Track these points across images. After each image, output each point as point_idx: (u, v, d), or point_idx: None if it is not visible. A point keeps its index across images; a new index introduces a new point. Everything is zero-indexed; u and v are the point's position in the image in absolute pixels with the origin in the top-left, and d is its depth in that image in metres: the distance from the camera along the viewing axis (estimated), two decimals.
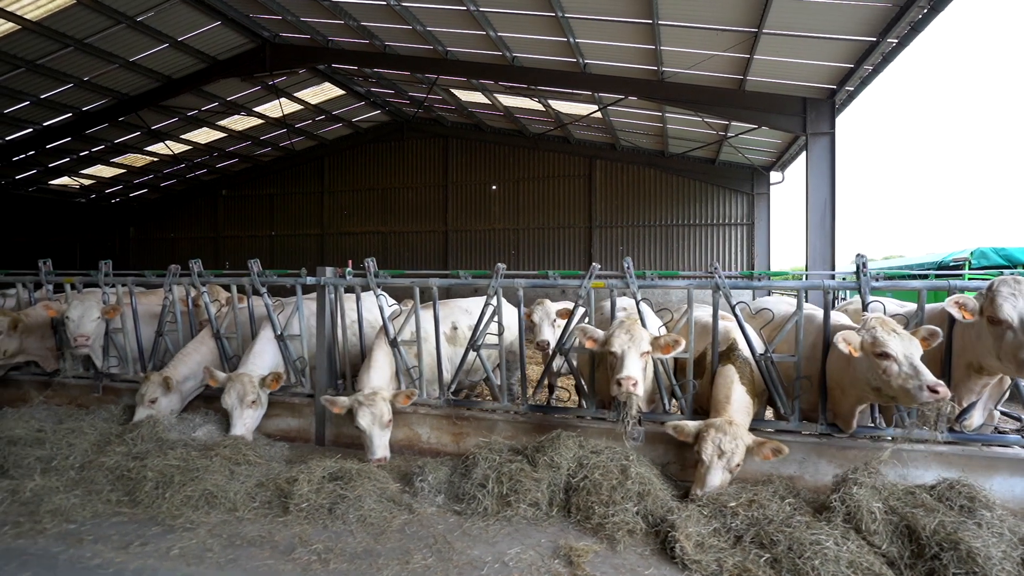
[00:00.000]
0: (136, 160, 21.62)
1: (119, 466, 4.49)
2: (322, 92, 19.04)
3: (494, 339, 5.09)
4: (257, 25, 14.57)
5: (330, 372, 5.56)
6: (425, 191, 22.37)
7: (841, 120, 11.77)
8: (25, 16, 12.29)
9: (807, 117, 11.47)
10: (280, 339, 5.58)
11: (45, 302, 6.40)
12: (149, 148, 20.61)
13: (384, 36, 13.83)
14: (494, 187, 21.62)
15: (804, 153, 16.27)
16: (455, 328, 5.68)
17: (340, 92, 19.15)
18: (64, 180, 22.42)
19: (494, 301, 4.96)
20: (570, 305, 6.50)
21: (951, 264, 11.72)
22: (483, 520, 3.84)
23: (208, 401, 5.90)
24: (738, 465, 3.77)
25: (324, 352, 5.51)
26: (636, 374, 4.01)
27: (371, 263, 5.25)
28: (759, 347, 4.39)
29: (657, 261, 19.93)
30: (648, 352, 4.17)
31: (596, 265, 4.66)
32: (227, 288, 6.51)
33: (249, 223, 24.70)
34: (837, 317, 4.52)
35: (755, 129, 14.69)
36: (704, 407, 4.69)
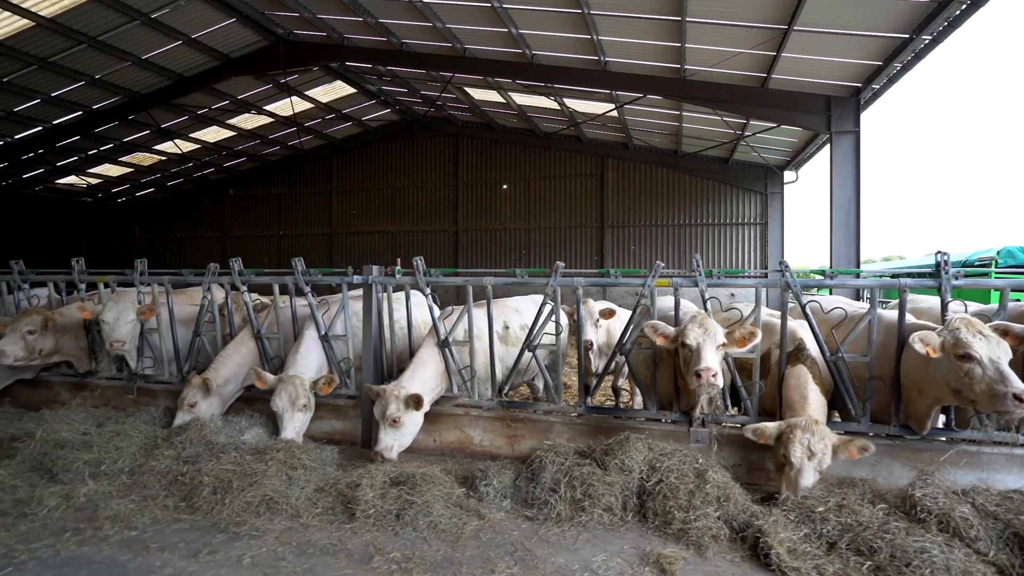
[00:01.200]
0: (144, 159, 21.44)
1: (170, 470, 4.37)
2: (333, 91, 18.90)
3: (550, 339, 4.98)
4: (272, 22, 14.42)
5: (376, 373, 5.43)
6: (435, 190, 22.24)
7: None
8: (40, 12, 12.13)
9: (831, 115, 11.39)
10: (325, 339, 5.46)
11: (79, 303, 6.27)
12: (157, 147, 20.43)
13: (401, 33, 13.69)
14: (505, 186, 21.50)
15: (820, 152, 16.30)
16: (507, 328, 5.56)
17: (351, 91, 19.01)
18: (71, 179, 22.22)
19: (551, 300, 4.84)
20: (611, 304, 6.42)
21: (976, 263, 11.66)
22: (557, 526, 3.72)
23: (249, 403, 5.79)
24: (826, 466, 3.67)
25: (370, 352, 5.38)
26: (715, 365, 3.91)
27: (419, 262, 5.12)
28: (819, 348, 4.29)
29: (669, 261, 19.83)
30: (724, 345, 4.06)
31: (660, 263, 4.55)
32: (263, 287, 6.37)
33: (256, 223, 24.53)
34: (891, 316, 4.42)
35: (773, 128, 14.61)
36: (768, 409, 4.58)
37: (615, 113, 16.29)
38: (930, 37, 8.81)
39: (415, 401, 4.59)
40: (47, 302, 6.88)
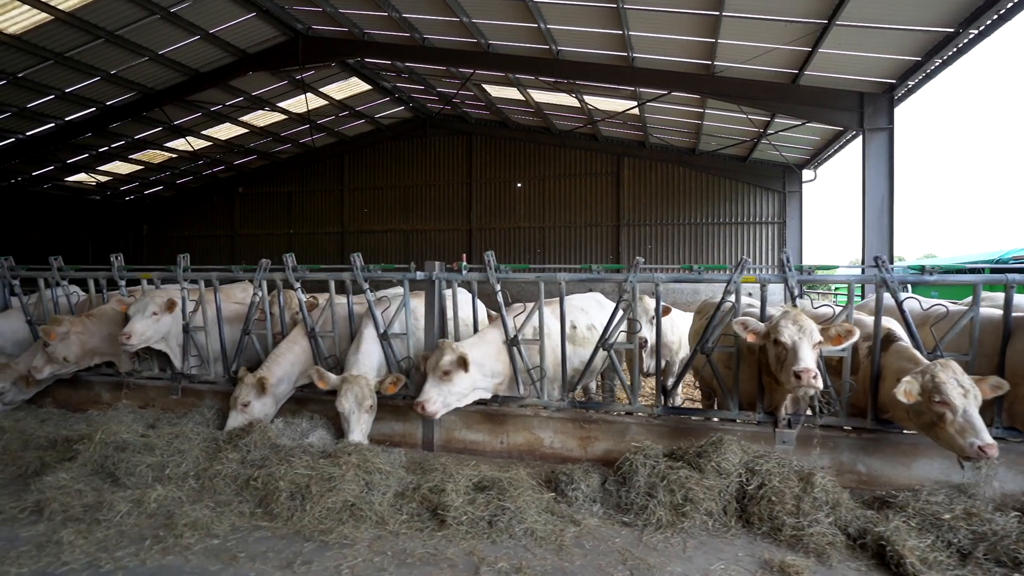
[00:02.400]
0: (154, 156, 21.19)
1: (239, 474, 4.18)
2: (348, 87, 18.70)
3: (623, 337, 4.81)
4: (292, 17, 14.23)
5: None
6: (448, 189, 22.05)
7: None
8: (59, 7, 11.90)
9: (864, 112, 11.24)
10: (384, 338, 5.27)
11: (119, 298, 6.07)
12: (168, 144, 20.19)
13: (424, 28, 13.50)
14: (519, 185, 21.33)
15: (843, 150, 16.17)
16: (574, 327, 5.39)
17: (366, 87, 18.81)
18: (80, 177, 21.95)
19: (628, 296, 4.67)
20: (667, 302, 6.24)
21: (1011, 261, 11.54)
22: (659, 532, 3.55)
23: (301, 404, 5.61)
24: None
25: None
26: (814, 365, 3.74)
27: (491, 257, 4.95)
28: (917, 348, 4.13)
29: (686, 260, 19.71)
30: (820, 343, 3.90)
31: (747, 259, 4.38)
32: (314, 284, 6.18)
33: (266, 221, 24.31)
34: (989, 312, 4.27)
35: (798, 126, 14.46)
36: (860, 405, 4.41)
37: (636, 111, 16.15)
38: (976, 31, 8.66)
39: (463, 362, 4.47)
40: (87, 299, 6.68)
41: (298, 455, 4.33)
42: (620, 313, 4.74)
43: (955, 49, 9.30)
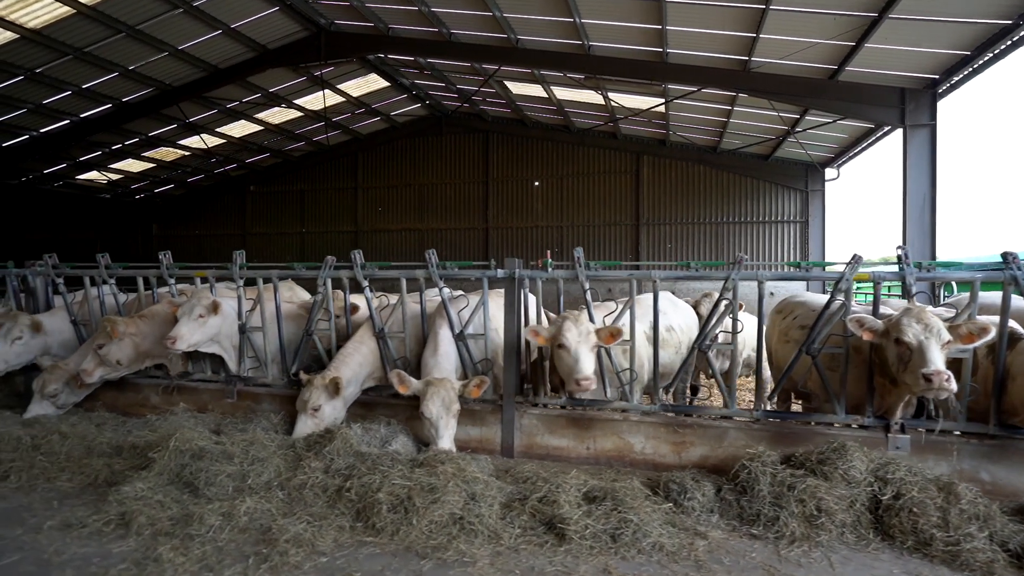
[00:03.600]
0: (167, 154, 20.88)
1: (327, 485, 3.94)
2: (366, 84, 18.43)
3: (722, 337, 4.58)
4: (315, 12, 13.97)
5: (518, 375, 5.01)
6: (464, 187, 21.80)
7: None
8: (81, 1, 11.62)
9: (905, 108, 11.04)
10: (460, 339, 5.03)
11: (170, 299, 5.81)
12: (182, 141, 19.89)
13: (452, 23, 13.25)
14: (537, 183, 21.09)
15: (871, 148, 15.98)
16: (654, 328, 5.15)
17: (384, 84, 18.55)
18: (91, 175, 21.62)
19: (729, 295, 4.44)
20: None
21: None
22: (795, 546, 3.32)
23: (368, 407, 5.36)
24: None
25: (512, 353, 4.96)
26: (944, 367, 3.52)
27: (579, 253, 4.70)
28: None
29: (707, 259, 19.51)
30: (950, 342, 3.67)
31: (859, 255, 4.15)
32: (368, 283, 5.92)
33: (278, 220, 24.01)
34: None
35: (829, 123, 14.28)
36: (979, 409, 4.18)
37: (661, 108, 15.93)
38: None
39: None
40: (135, 299, 6.43)
41: (387, 464, 4.08)
42: (719, 312, 4.50)
43: (1009, 42, 9.10)
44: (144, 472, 4.06)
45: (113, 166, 21.21)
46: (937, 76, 10.67)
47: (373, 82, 18.36)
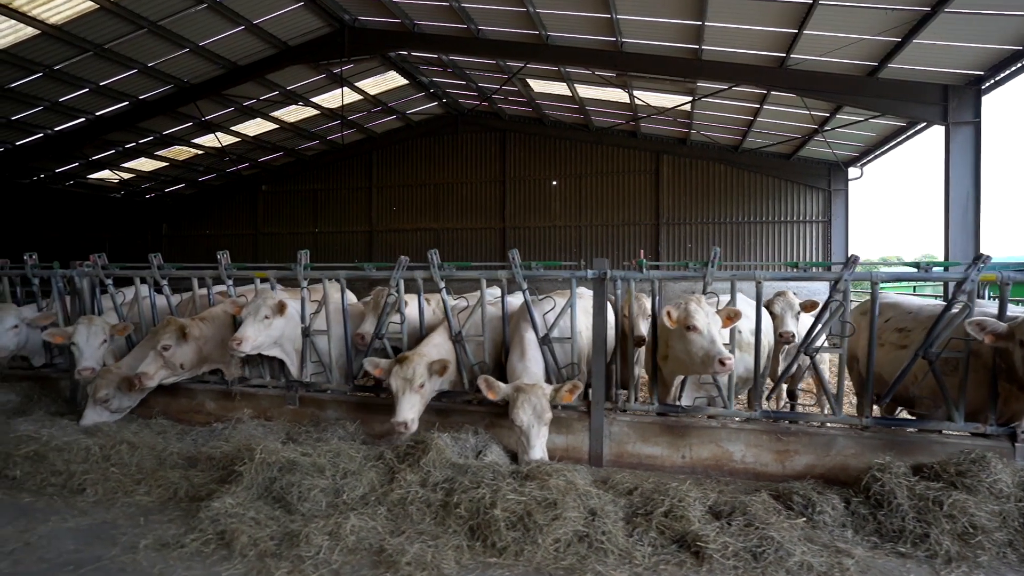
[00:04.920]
0: (180, 153, 20.59)
1: (429, 500, 3.70)
2: (384, 82, 18.20)
3: (825, 340, 4.35)
4: (339, 7, 13.72)
5: (607, 380, 4.79)
6: (481, 187, 21.58)
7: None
8: None
9: (948, 105, 10.86)
10: (545, 342, 4.80)
11: (231, 299, 5.55)
12: (196, 140, 19.61)
13: (481, 19, 13.02)
14: (555, 182, 20.89)
15: (897, 147, 15.82)
16: (739, 332, 4.93)
17: (401, 83, 18.34)
18: (103, 174, 21.29)
19: (840, 296, 4.22)
20: (817, 298, 5.80)
21: None
22: (954, 566, 3.10)
23: (442, 415, 5.12)
24: None
25: (601, 356, 4.73)
26: None
27: (717, 252, 4.41)
28: None
29: (727, 259, 19.32)
30: None
31: (988, 255, 3.94)
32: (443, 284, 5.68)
33: (291, 219, 23.77)
34: None
35: (860, 122, 14.10)
36: None
37: (687, 107, 15.74)
38: None
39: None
40: (188, 300, 6.17)
41: (488, 476, 3.84)
42: (832, 310, 4.28)
43: None
44: (230, 486, 3.81)
45: (125, 165, 20.90)
46: (982, 72, 10.50)
47: (391, 80, 18.13)
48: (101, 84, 14.66)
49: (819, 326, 4.34)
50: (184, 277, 6.05)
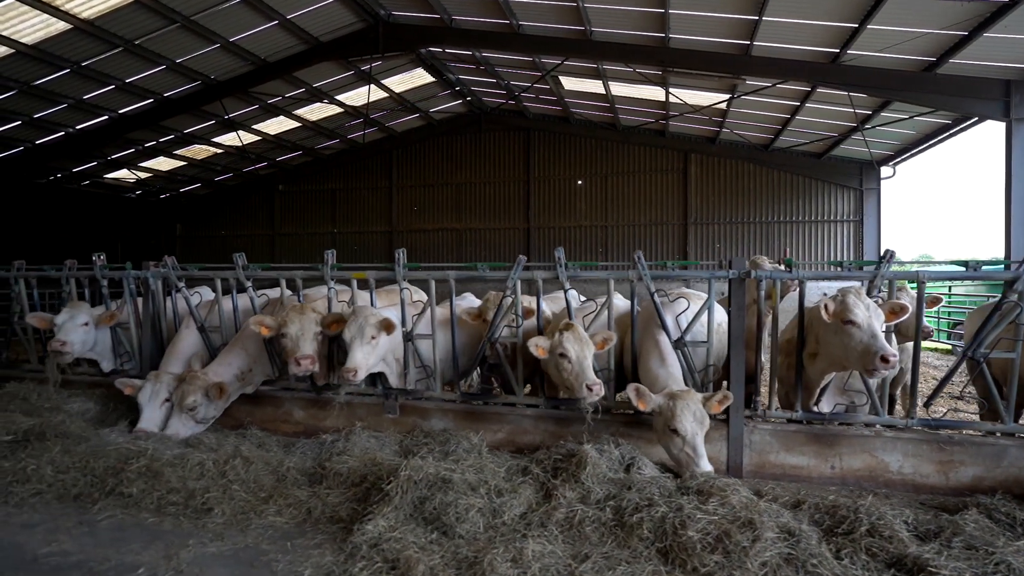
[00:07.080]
0: (199, 152, 20.17)
1: (599, 519, 3.41)
2: (411, 79, 17.86)
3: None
4: (376, 2, 13.38)
5: (744, 384, 4.50)
6: (504, 186, 21.26)
7: None
8: None
9: (1011, 101, 10.64)
10: (678, 346, 4.52)
11: (258, 317, 5.12)
12: (216, 139, 19.20)
13: (522, 13, 12.71)
14: (580, 182, 20.60)
15: (930, 147, 15.62)
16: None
17: (427, 80, 18.00)
18: (120, 173, 20.82)
19: (1015, 296, 3.95)
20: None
21: None
22: None
23: (562, 424, 4.83)
24: None
25: (740, 361, 4.45)
26: None
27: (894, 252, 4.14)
28: None
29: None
30: None
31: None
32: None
33: (308, 219, 23.35)
34: None
35: (904, 119, 13.89)
36: None
37: (722, 105, 15.49)
38: None
39: None
40: (276, 301, 5.84)
41: (655, 491, 3.55)
42: (996, 318, 4.01)
43: None
44: (377, 506, 3.50)
45: (143, 164, 20.45)
46: None
47: (418, 77, 17.79)
48: (127, 81, 14.25)
49: (985, 329, 4.07)
50: (206, 278, 5.74)
